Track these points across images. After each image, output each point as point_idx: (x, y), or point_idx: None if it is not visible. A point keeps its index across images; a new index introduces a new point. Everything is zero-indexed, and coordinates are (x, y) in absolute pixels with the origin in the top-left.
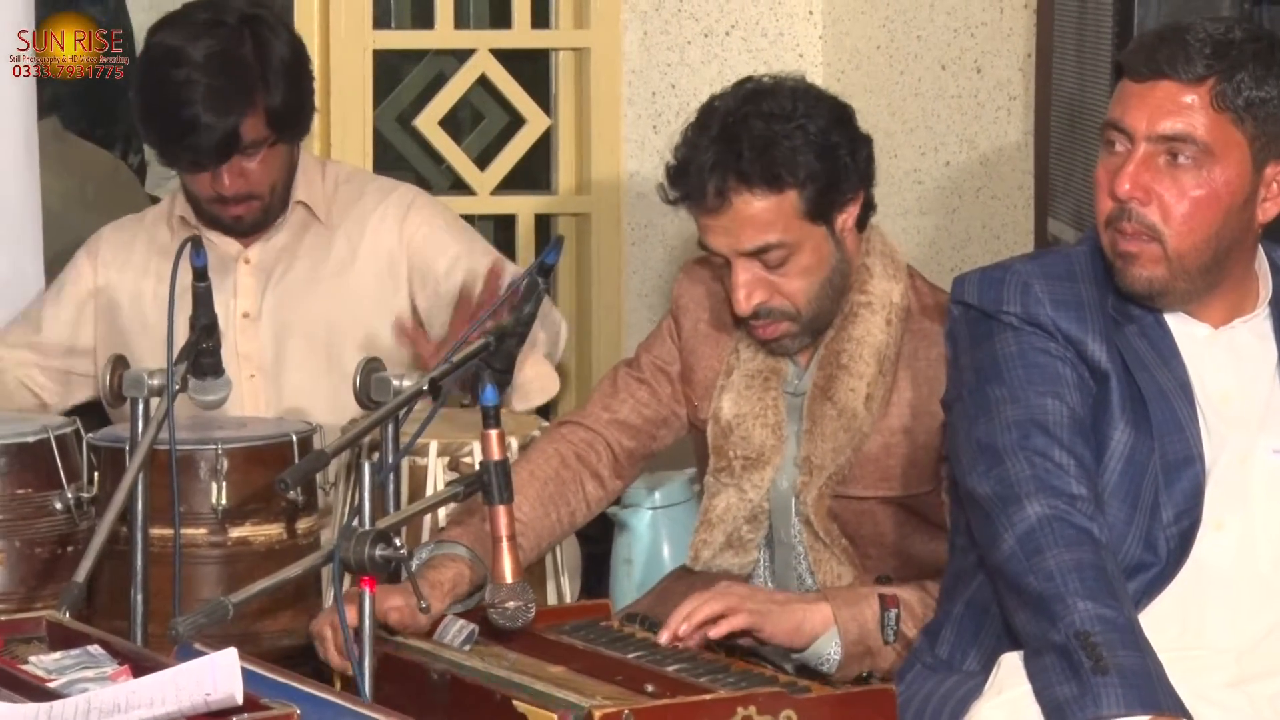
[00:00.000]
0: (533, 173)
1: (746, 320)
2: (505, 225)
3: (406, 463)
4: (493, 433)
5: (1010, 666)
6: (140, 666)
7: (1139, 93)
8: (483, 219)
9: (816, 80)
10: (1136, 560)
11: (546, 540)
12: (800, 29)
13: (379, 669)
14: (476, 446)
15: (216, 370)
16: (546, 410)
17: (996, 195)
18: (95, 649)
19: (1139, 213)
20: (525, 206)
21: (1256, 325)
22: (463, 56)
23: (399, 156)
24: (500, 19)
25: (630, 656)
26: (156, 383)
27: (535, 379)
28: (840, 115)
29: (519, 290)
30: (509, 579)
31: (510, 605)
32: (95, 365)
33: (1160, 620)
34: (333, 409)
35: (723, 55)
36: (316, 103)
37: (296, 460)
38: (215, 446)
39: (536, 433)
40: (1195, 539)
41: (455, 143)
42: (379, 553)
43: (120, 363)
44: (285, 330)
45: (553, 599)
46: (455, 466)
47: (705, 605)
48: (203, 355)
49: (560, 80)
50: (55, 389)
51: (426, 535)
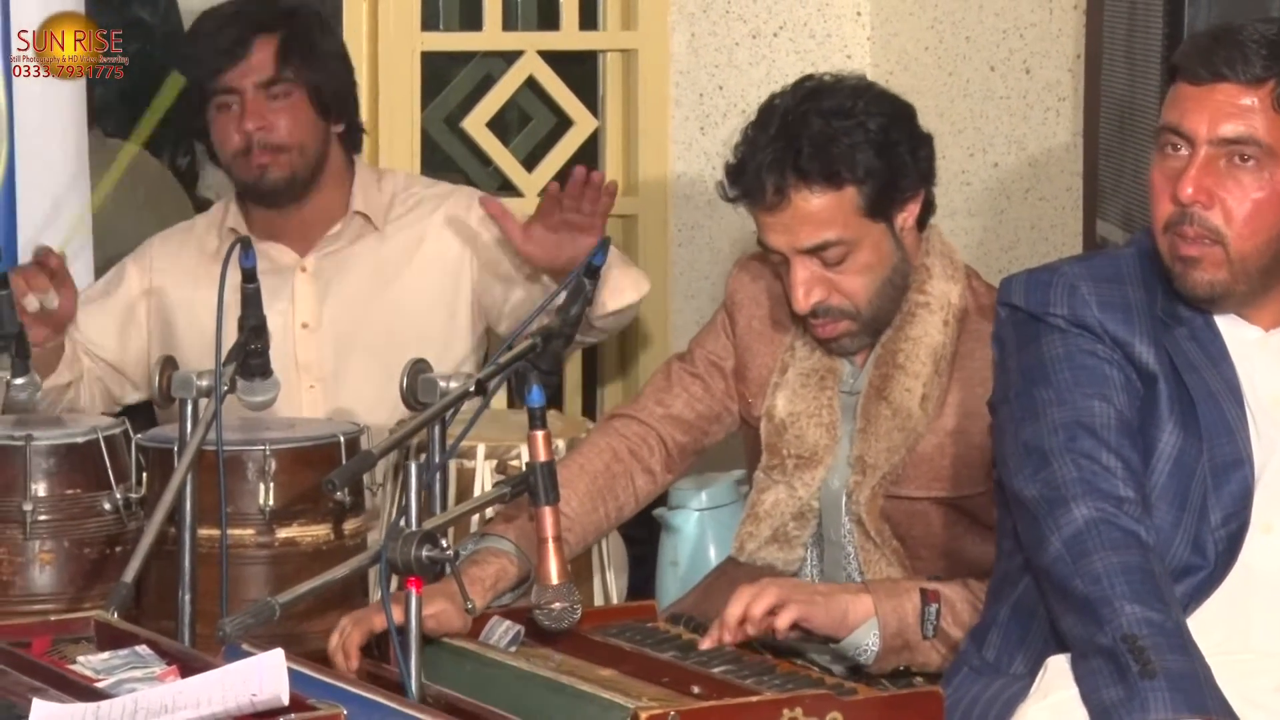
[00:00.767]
0: None
1: (806, 319)
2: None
3: (454, 465)
4: (539, 434)
5: (1057, 669)
6: (188, 667)
7: (1197, 96)
8: None
9: None
10: (1184, 563)
11: (593, 534)
12: (848, 30)
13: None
14: (524, 449)
15: (265, 371)
16: (594, 413)
17: (1045, 197)
18: (143, 649)
19: (1202, 216)
20: None
21: None
22: (510, 58)
23: (446, 158)
24: (548, 20)
25: (676, 658)
26: (205, 384)
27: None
28: (901, 113)
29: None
30: (555, 580)
31: (556, 607)
32: (145, 367)
33: (1208, 624)
34: (393, 418)
35: (770, 56)
36: (365, 104)
37: (344, 461)
38: (263, 447)
39: (584, 434)
40: (1244, 542)
41: (503, 144)
42: (425, 554)
43: (170, 363)
44: (345, 340)
45: (599, 594)
46: (503, 469)
47: (761, 598)
48: (251, 356)
49: (608, 82)
50: (99, 395)
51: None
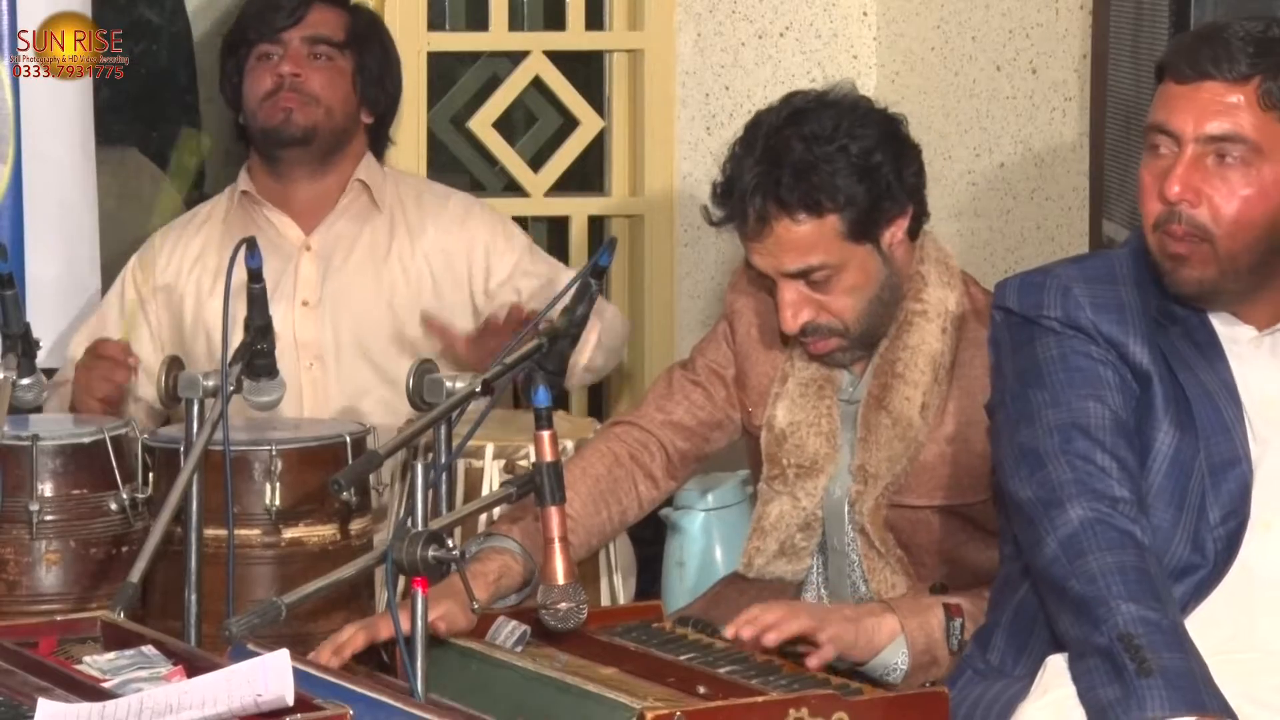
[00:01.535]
0: (586, 175)
1: (796, 337)
2: (558, 227)
3: (462, 465)
4: (545, 434)
5: (1055, 668)
6: (194, 667)
7: (1183, 94)
8: (536, 221)
9: (870, 82)
10: (1184, 562)
11: (596, 538)
12: (854, 30)
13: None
14: (533, 449)
15: (271, 371)
16: (600, 413)
17: (1051, 197)
18: (149, 649)
19: (1189, 214)
20: (578, 208)
21: None
22: (517, 58)
23: (453, 158)
24: (554, 21)
25: (682, 658)
26: (211, 384)
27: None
28: (886, 130)
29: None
30: (561, 580)
31: (562, 607)
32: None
33: (1210, 622)
34: (389, 397)
35: (777, 57)
36: None
37: (350, 461)
38: (269, 447)
39: (590, 436)
40: (1243, 540)
41: (509, 144)
42: (432, 554)
43: (175, 364)
44: (343, 318)
45: (605, 598)
46: (511, 469)
47: (792, 621)
48: (257, 357)
49: (614, 82)
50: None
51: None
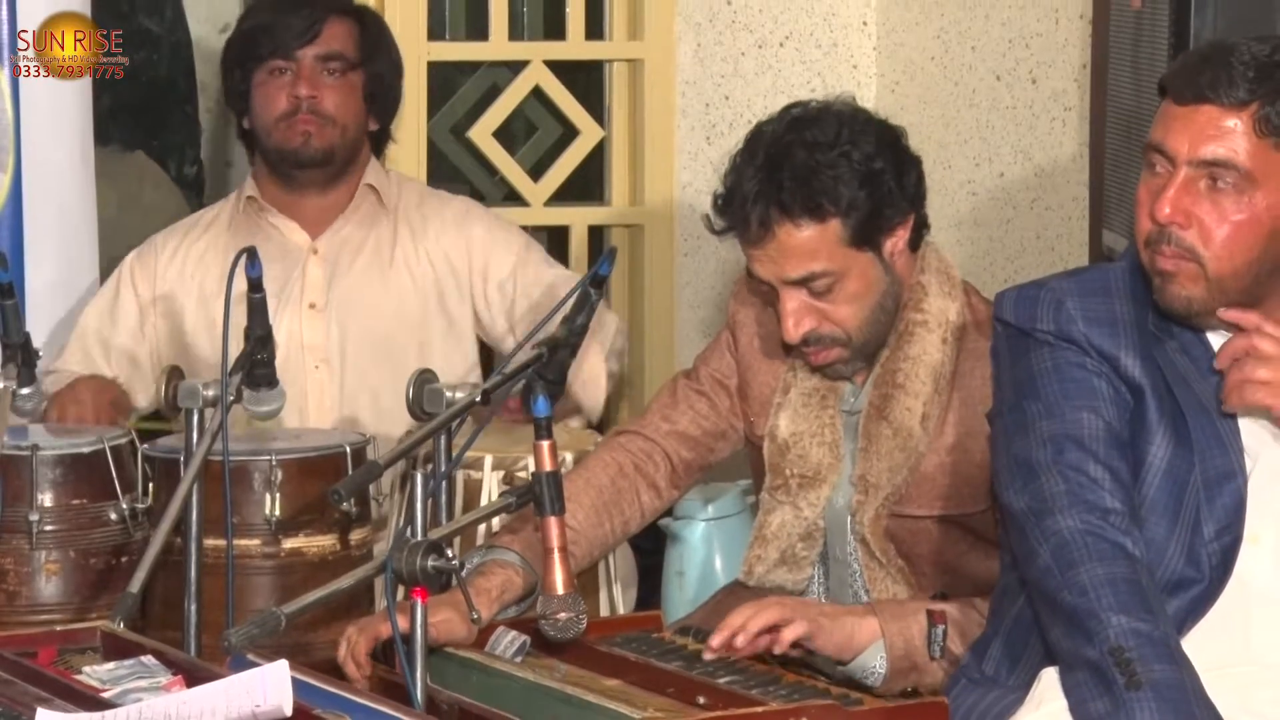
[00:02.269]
0: (586, 184)
1: (797, 347)
2: (558, 236)
3: (461, 476)
4: (544, 444)
5: (1050, 681)
6: (193, 677)
7: (1181, 115)
8: (536, 230)
9: (870, 91)
10: (1179, 576)
11: (599, 549)
12: (854, 40)
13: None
14: (531, 460)
15: (271, 381)
16: (601, 423)
17: (1051, 206)
18: (149, 659)
19: (1178, 236)
20: (578, 218)
21: None
22: (517, 68)
23: (453, 168)
24: (554, 30)
25: (682, 669)
26: (211, 394)
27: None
28: (887, 139)
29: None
30: (560, 590)
31: (561, 617)
32: (156, 372)
33: (1209, 637)
34: (395, 400)
35: (777, 66)
36: None
37: (350, 471)
38: (269, 457)
39: (591, 447)
40: (1238, 555)
41: (509, 154)
42: (431, 564)
43: (175, 373)
44: (350, 321)
45: (605, 608)
46: (510, 480)
47: (761, 614)
48: (257, 366)
49: (614, 92)
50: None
51: (480, 544)
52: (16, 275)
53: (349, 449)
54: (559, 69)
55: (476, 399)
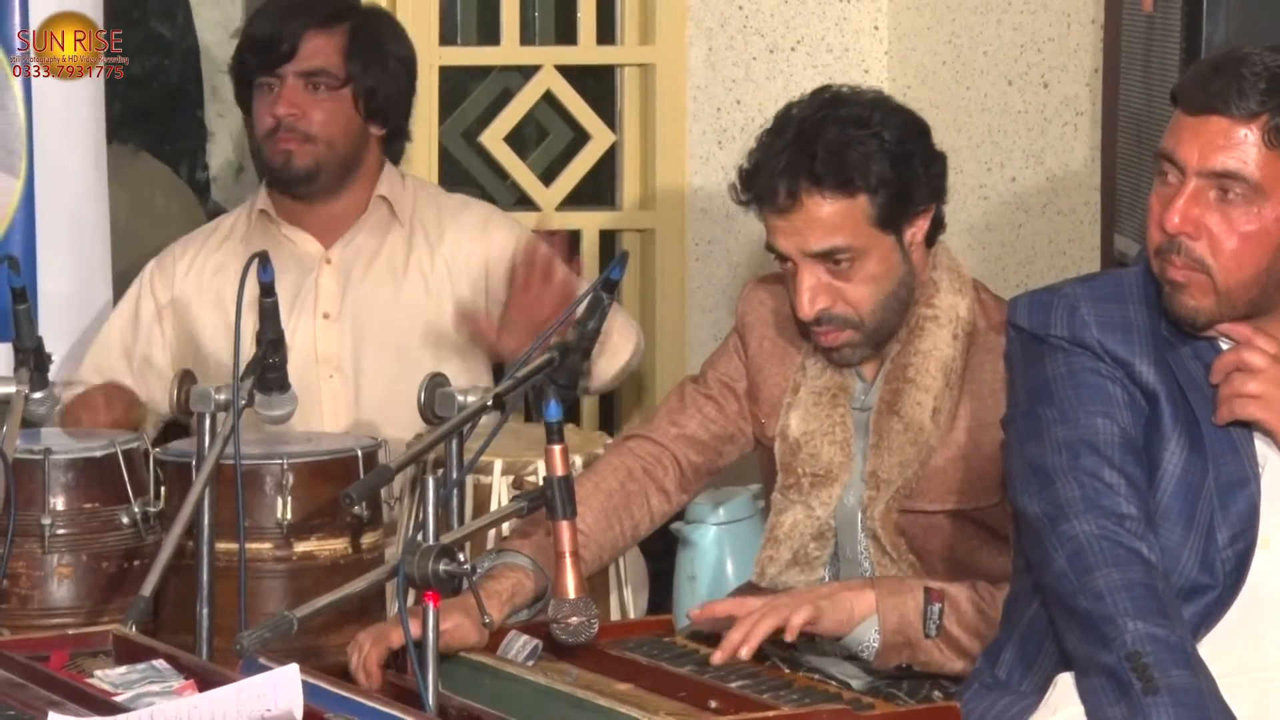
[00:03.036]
0: (597, 188)
1: (809, 326)
2: (570, 241)
3: (471, 481)
4: (556, 448)
5: (1065, 686)
6: (205, 681)
7: (1191, 126)
8: (547, 235)
9: None
10: (1193, 582)
11: (609, 552)
12: (866, 44)
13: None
14: (541, 465)
15: (283, 385)
16: (611, 427)
17: (1063, 211)
18: (160, 663)
19: (1188, 246)
20: (590, 222)
21: None
22: (528, 73)
23: (464, 172)
24: (565, 35)
25: (694, 672)
26: (223, 398)
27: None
28: (916, 128)
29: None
30: (572, 594)
31: (573, 621)
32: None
33: (1223, 644)
34: (409, 410)
35: (788, 71)
36: None
37: (361, 475)
38: (280, 461)
39: (601, 450)
40: (1251, 560)
41: (520, 158)
42: (443, 568)
43: (188, 377)
44: (363, 331)
45: (616, 612)
46: (520, 485)
47: (761, 624)
48: (269, 370)
49: (625, 96)
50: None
51: (491, 547)
52: (29, 280)
53: (361, 453)
54: (570, 73)
55: (488, 403)
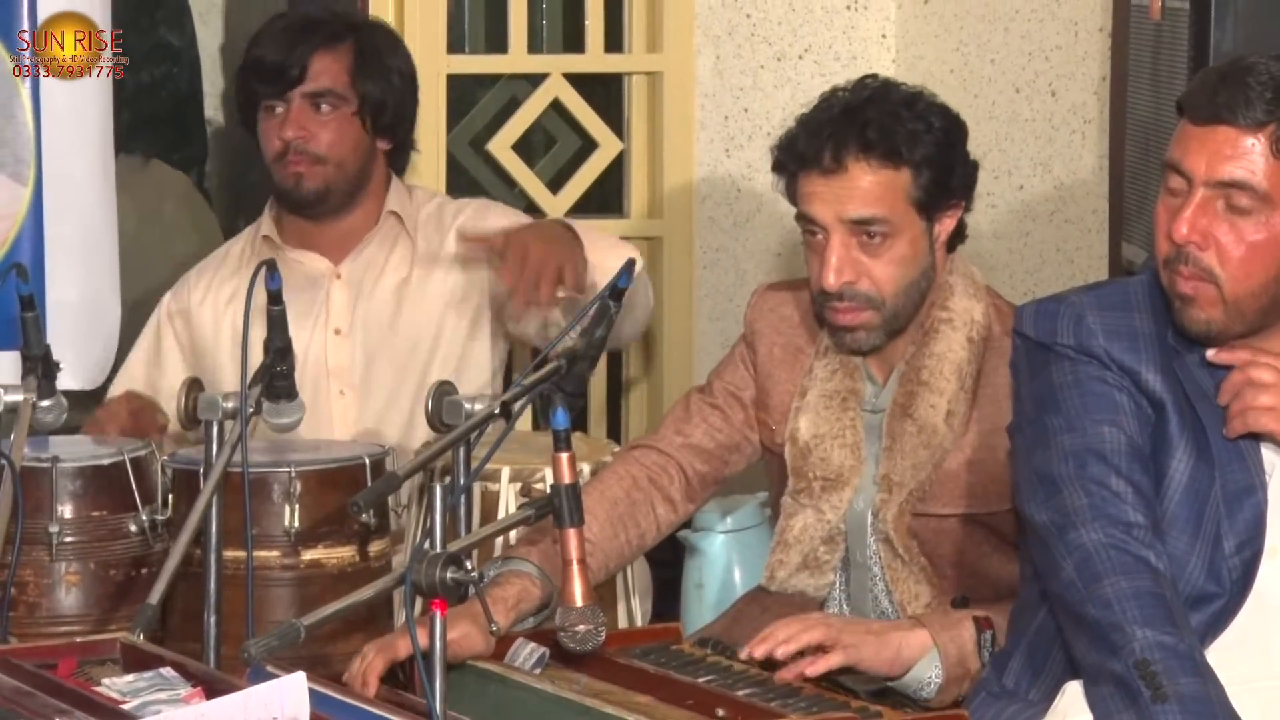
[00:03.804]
0: (605, 196)
1: (829, 301)
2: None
3: (479, 488)
4: (563, 456)
5: (1074, 694)
6: (213, 689)
7: (1198, 136)
8: None
9: None
10: (1200, 590)
11: (615, 561)
12: (873, 53)
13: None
14: (549, 472)
15: (290, 393)
16: (619, 435)
17: (1070, 219)
18: (168, 671)
19: (1196, 256)
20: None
21: None
22: (536, 81)
23: (472, 181)
24: (573, 43)
25: (701, 680)
26: (230, 405)
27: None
28: (959, 123)
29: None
30: (579, 602)
31: (580, 629)
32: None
33: (1230, 652)
34: (420, 423)
35: (795, 79)
36: None
37: (369, 483)
38: (288, 469)
39: (608, 458)
40: (1258, 569)
41: (528, 166)
42: (450, 575)
43: (195, 385)
44: (374, 346)
45: (623, 621)
46: (527, 492)
47: (806, 632)
48: (277, 378)
49: (633, 104)
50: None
51: (497, 555)
52: (37, 288)
53: (368, 460)
54: (578, 82)
55: (495, 411)
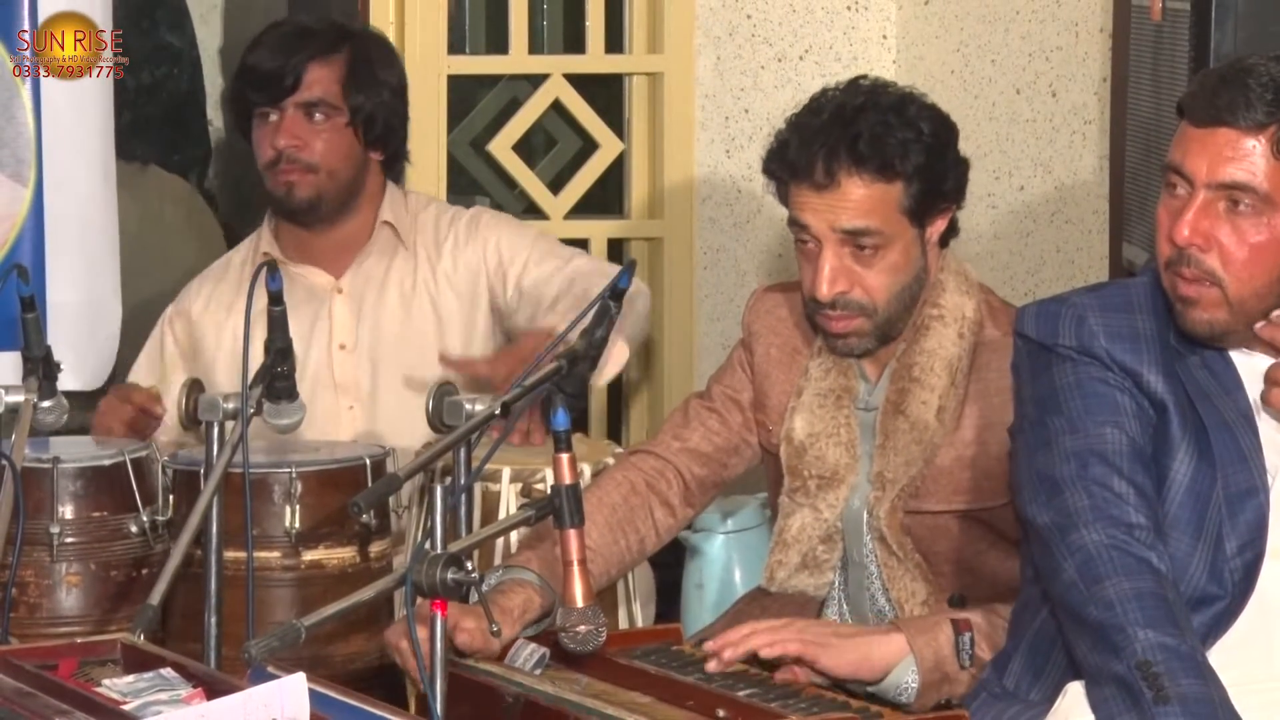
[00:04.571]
0: (605, 197)
1: (821, 309)
2: (578, 249)
3: (480, 489)
4: (564, 456)
5: (1075, 695)
6: (213, 689)
7: (1199, 138)
8: None
9: None
10: (1202, 592)
11: (615, 566)
12: (874, 53)
13: (450, 690)
14: (549, 472)
15: (291, 394)
16: (619, 436)
17: (1071, 220)
18: (168, 672)
19: (1198, 258)
20: (598, 231)
21: None
22: (536, 81)
23: (472, 181)
24: (574, 44)
25: (702, 681)
26: (231, 406)
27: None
28: (949, 126)
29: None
30: (580, 603)
31: (581, 629)
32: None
33: (1232, 653)
34: (426, 434)
35: (796, 80)
36: None
37: (369, 484)
38: (289, 470)
39: (609, 459)
40: (1260, 571)
41: (529, 167)
42: (451, 576)
43: (195, 386)
44: (379, 359)
45: (624, 626)
46: (528, 493)
47: (755, 636)
48: (277, 379)
49: (633, 105)
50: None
51: (499, 560)
52: (37, 289)
53: (369, 461)
54: (578, 82)
55: (495, 411)
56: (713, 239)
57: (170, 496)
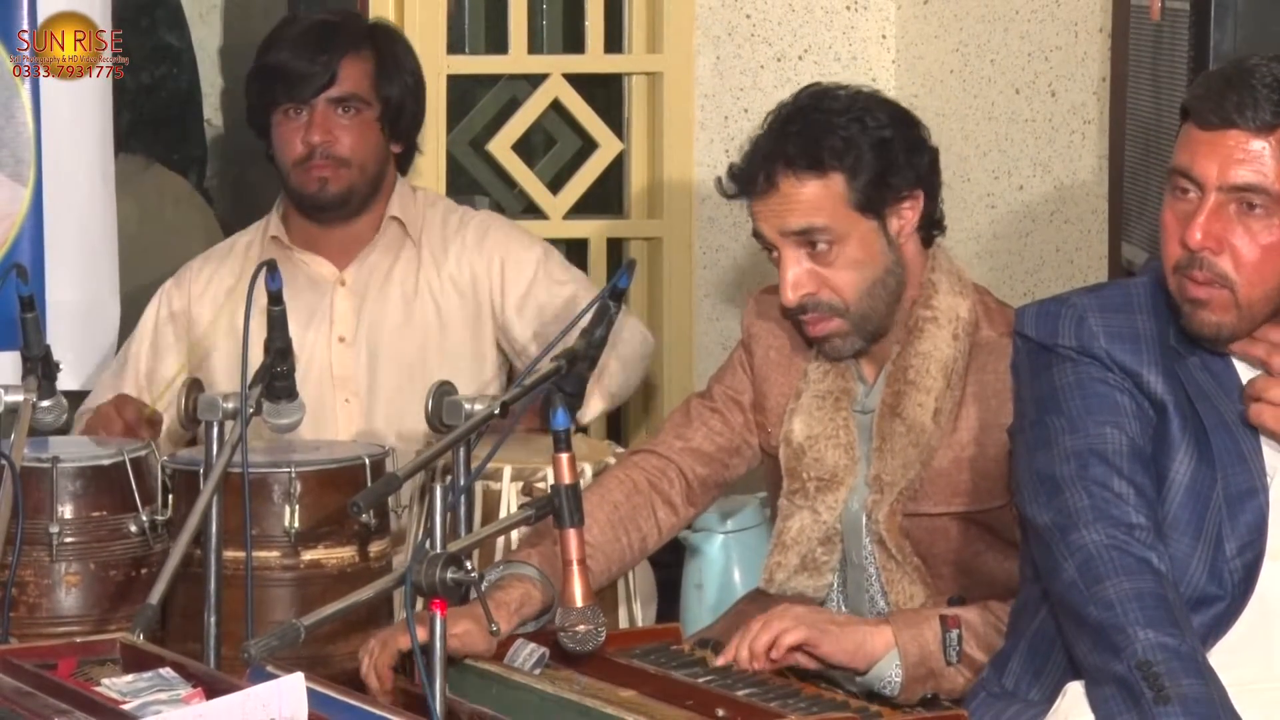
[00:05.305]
0: (605, 197)
1: (794, 315)
2: (577, 249)
3: (480, 488)
4: (564, 456)
5: (1075, 695)
6: (213, 689)
7: (1207, 141)
8: (555, 243)
9: None
10: (1202, 593)
11: (616, 564)
12: (873, 53)
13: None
14: (550, 471)
15: (291, 394)
16: (620, 436)
17: (1070, 219)
18: (168, 671)
19: (1210, 261)
20: (597, 230)
21: None
22: (536, 81)
23: (472, 180)
24: (573, 43)
25: (701, 681)
26: (230, 406)
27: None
28: (902, 118)
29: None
30: (579, 603)
31: (581, 629)
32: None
33: (1232, 654)
34: (424, 431)
35: (796, 79)
36: None
37: (369, 483)
38: (288, 469)
39: (610, 459)
40: (1260, 572)
41: (528, 167)
42: (450, 576)
43: (195, 386)
44: (378, 353)
45: (625, 625)
46: (529, 491)
47: (763, 632)
48: (277, 379)
49: (633, 104)
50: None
51: (499, 559)
52: (37, 288)
53: (368, 461)
54: (578, 82)
55: (495, 411)
56: (712, 239)
57: (169, 496)
